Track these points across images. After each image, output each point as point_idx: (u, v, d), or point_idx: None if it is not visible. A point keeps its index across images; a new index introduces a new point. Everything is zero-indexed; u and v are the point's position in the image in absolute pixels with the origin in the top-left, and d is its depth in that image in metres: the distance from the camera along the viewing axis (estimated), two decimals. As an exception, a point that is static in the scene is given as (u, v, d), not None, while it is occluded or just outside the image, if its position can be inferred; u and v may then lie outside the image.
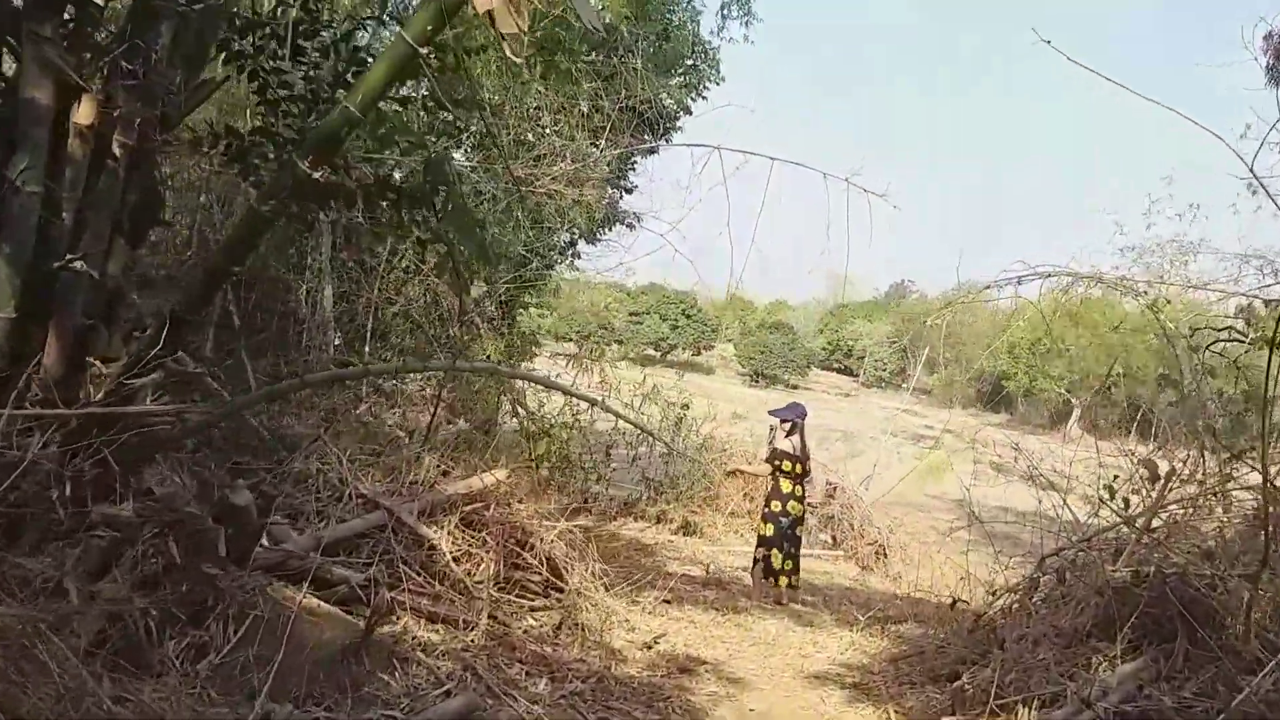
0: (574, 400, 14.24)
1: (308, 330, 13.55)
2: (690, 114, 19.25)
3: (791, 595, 10.01)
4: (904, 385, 60.39)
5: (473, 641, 5.50)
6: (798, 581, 10.22)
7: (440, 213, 5.98)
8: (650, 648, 6.67)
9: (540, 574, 6.37)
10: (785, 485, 10.18)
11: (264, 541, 5.58)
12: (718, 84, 19.25)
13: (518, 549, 6.31)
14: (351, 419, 12.55)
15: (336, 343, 13.85)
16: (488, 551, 6.07)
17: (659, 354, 56.65)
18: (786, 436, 10.29)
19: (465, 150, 15.28)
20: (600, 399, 14.59)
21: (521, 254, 15.04)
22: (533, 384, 14.37)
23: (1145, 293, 11.06)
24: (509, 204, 15.00)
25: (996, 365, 54.74)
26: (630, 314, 56.39)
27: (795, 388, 55.89)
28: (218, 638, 4.48)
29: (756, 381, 54.54)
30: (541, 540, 6.46)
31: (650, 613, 7.93)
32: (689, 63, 19.13)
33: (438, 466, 6.75)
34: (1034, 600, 7.03)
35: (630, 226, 20.03)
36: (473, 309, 15.51)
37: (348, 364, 11.73)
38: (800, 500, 10.31)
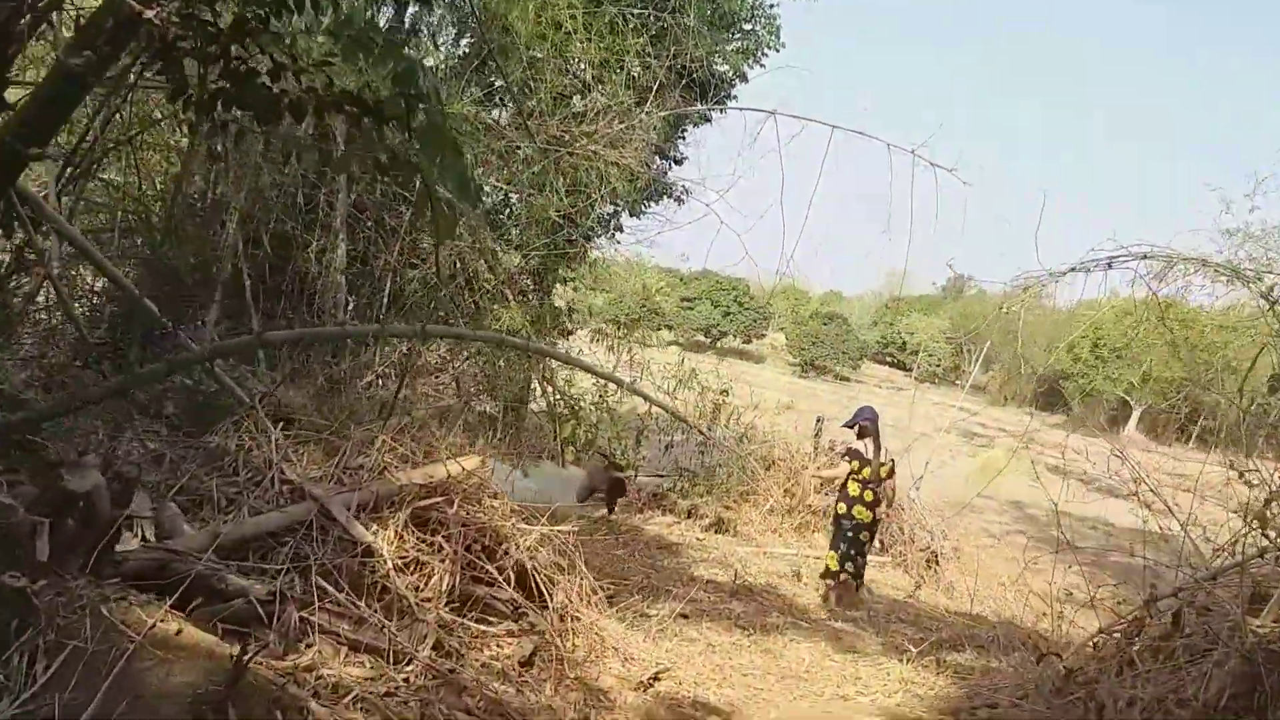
0: (606, 382, 12.89)
1: (320, 293, 12.29)
2: (746, 81, 17.66)
3: (847, 600, 9.25)
4: (958, 381, 58.32)
5: (407, 681, 4.10)
6: (853, 597, 9.35)
7: (413, 133, 4.56)
8: (648, 687, 5.20)
9: (510, 590, 4.92)
10: (853, 488, 9.33)
11: (148, 539, 4.24)
12: (777, 50, 17.58)
13: (483, 557, 4.89)
14: (354, 391, 11.28)
15: (350, 306, 12.57)
16: (442, 560, 4.66)
17: (709, 340, 55.05)
18: (859, 440, 9.47)
19: (499, 102, 13.90)
20: (629, 380, 13.32)
21: (554, 219, 13.58)
22: (562, 363, 13.04)
23: (1259, 279, 9.38)
24: (543, 166, 13.59)
25: (1057, 363, 52.53)
26: (682, 299, 54.81)
27: (846, 379, 54.08)
28: (16, 677, 3.15)
29: (807, 372, 52.79)
30: (517, 547, 5.04)
31: (660, 633, 6.47)
32: (746, 27, 17.51)
33: (398, 449, 5.29)
34: (1135, 647, 5.47)
35: (679, 200, 18.51)
36: (501, 277, 14.16)
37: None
38: (870, 506, 9.33)
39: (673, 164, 18.74)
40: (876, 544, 13.05)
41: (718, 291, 54.27)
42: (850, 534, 9.30)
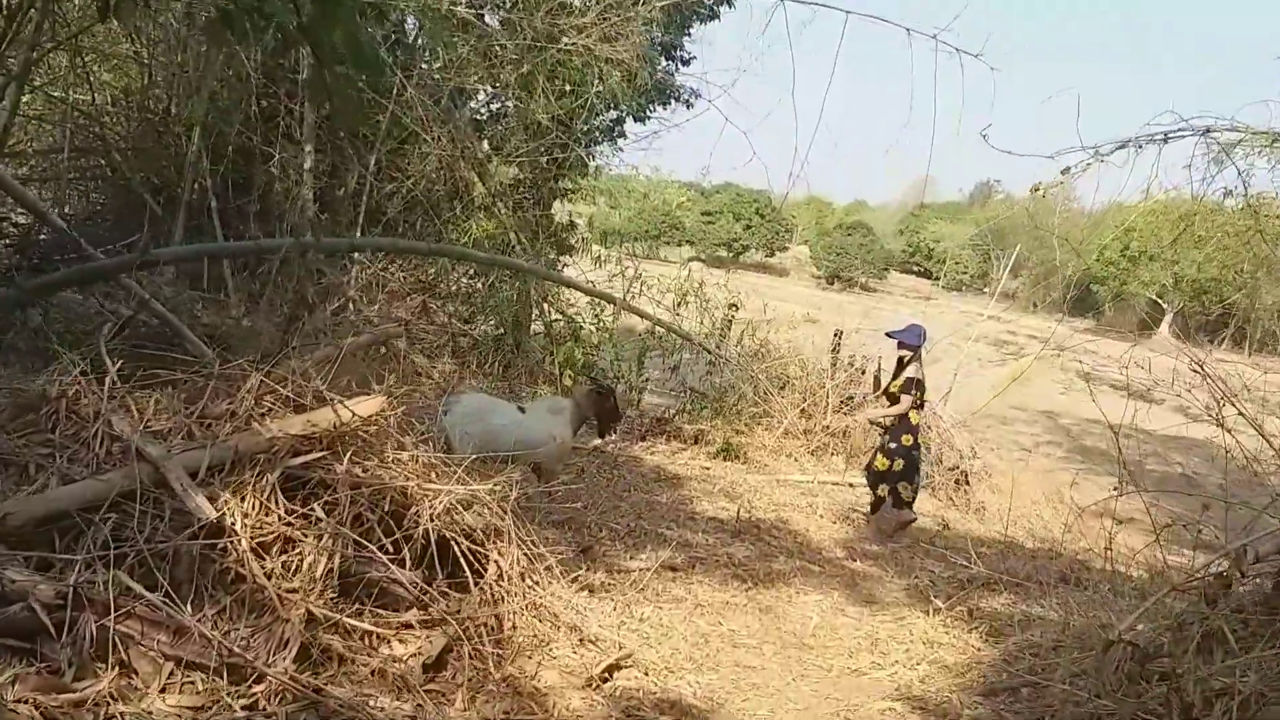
0: (605, 301, 11.65)
1: (290, 208, 11.08)
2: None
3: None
4: (985, 289, 56.61)
5: (254, 708, 2.97)
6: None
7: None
8: (602, 683, 4.04)
9: (408, 572, 3.75)
10: (915, 417, 8.60)
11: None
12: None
13: (380, 529, 3.73)
14: (318, 317, 10.15)
15: (319, 219, 11.34)
16: (320, 535, 3.51)
17: (731, 255, 53.51)
18: (909, 362, 8.52)
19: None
20: (623, 296, 12.07)
21: (545, 124, 12.21)
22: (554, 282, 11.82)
23: (1341, 159, 7.99)
24: (532, 67, 12.18)
25: (1086, 266, 50.63)
26: (703, 214, 53.17)
27: (872, 290, 52.52)
28: None
29: (832, 284, 51.24)
30: (433, 516, 3.86)
31: (639, 594, 5.32)
32: (755, -91, 15.80)
33: (281, 391, 4.07)
34: (1221, 608, 4.26)
35: (687, 104, 17.02)
36: (489, 188, 12.86)
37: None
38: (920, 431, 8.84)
39: (679, 65, 17.26)
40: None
41: (739, 204, 52.53)
42: (919, 463, 8.75)
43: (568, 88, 12.84)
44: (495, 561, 4.03)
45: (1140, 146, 7.71)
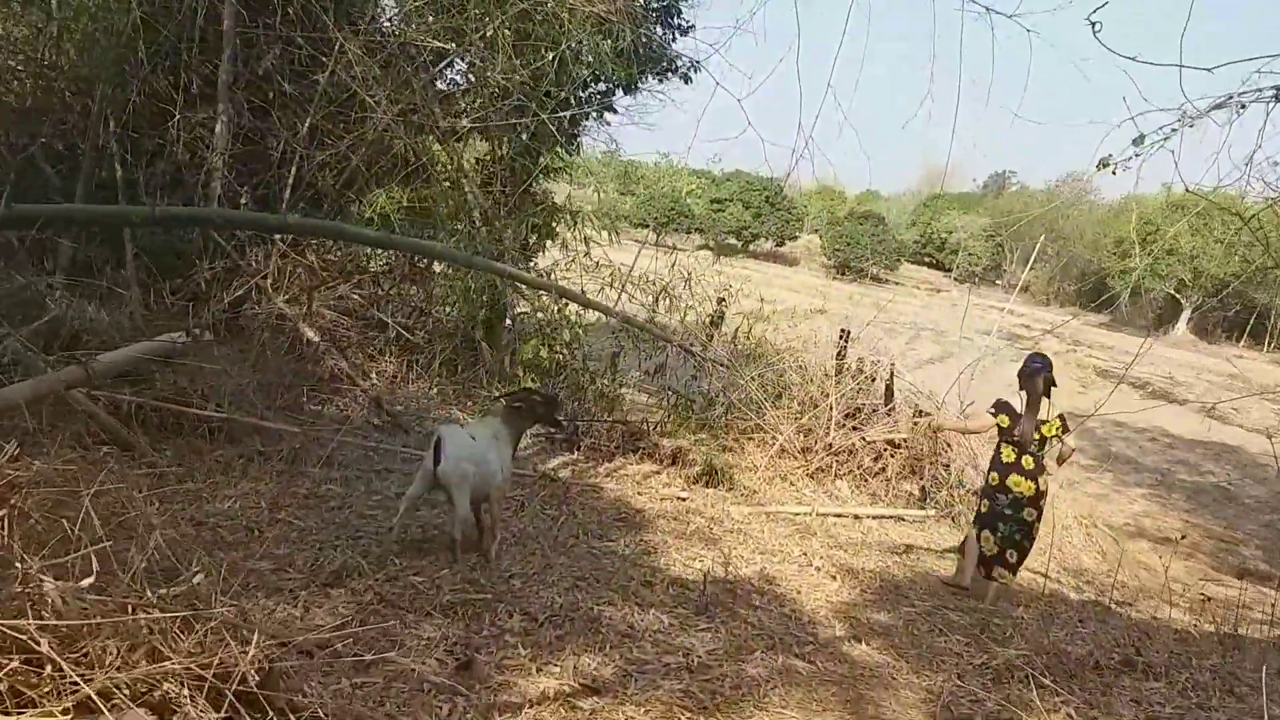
0: (542, 290, 9.70)
1: (207, 174, 9.15)
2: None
3: (1001, 591, 7.08)
4: (998, 282, 54.39)
5: None
6: (1009, 578, 7.15)
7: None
8: None
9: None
10: (1007, 453, 7.08)
11: None
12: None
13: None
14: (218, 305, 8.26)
15: (246, 196, 9.42)
16: None
17: (741, 243, 51.36)
18: (1021, 391, 7.07)
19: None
20: (581, 291, 10.06)
21: (509, 88, 10.22)
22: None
23: None
24: (499, 23, 10.19)
25: (1102, 261, 48.37)
26: (712, 201, 51.01)
27: (883, 281, 50.35)
28: None
29: (842, 274, 49.05)
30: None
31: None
32: None
33: None
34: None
35: (685, 77, 14.96)
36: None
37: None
38: (1030, 476, 6.98)
39: (676, 34, 15.20)
40: (914, 490, 9.95)
41: (748, 192, 50.32)
42: (1009, 511, 7.04)
43: (542, 50, 10.85)
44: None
45: (1243, 106, 5.71)
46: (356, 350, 9.53)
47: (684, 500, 8.02)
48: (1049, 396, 6.99)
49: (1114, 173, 5.86)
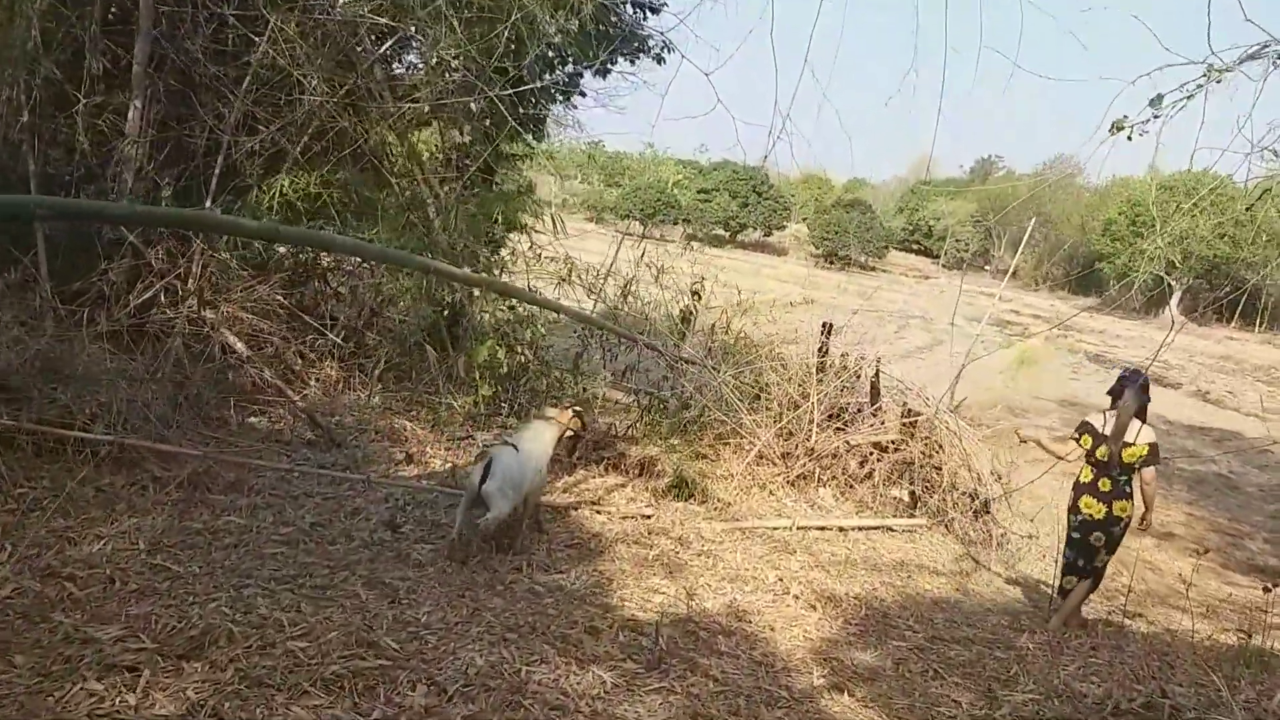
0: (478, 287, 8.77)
1: (118, 165, 8.18)
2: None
3: (1070, 628, 6.49)
4: (985, 267, 53.60)
5: None
6: (1076, 615, 6.63)
7: None
8: None
9: None
10: (1085, 473, 6.56)
11: None
12: None
13: None
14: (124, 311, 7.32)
15: (166, 188, 8.44)
16: None
17: (729, 233, 50.42)
18: (1110, 409, 6.52)
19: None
20: (529, 288, 9.11)
21: (448, 61, 9.26)
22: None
23: None
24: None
25: (1090, 244, 47.54)
26: (699, 191, 50.05)
27: (871, 269, 49.49)
28: None
29: (831, 263, 48.15)
30: None
31: None
32: None
33: None
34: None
35: (658, 59, 14.00)
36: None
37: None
38: (1104, 499, 6.41)
39: (648, 12, 14.23)
40: (904, 495, 9.05)
41: (735, 182, 49.36)
42: (1076, 534, 6.59)
43: (494, 24, 9.87)
44: None
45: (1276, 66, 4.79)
46: (295, 355, 8.59)
47: (648, 518, 7.10)
48: (1143, 418, 6.42)
49: (1129, 138, 4.95)
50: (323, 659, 3.85)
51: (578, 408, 6.70)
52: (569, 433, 6.68)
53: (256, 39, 8.71)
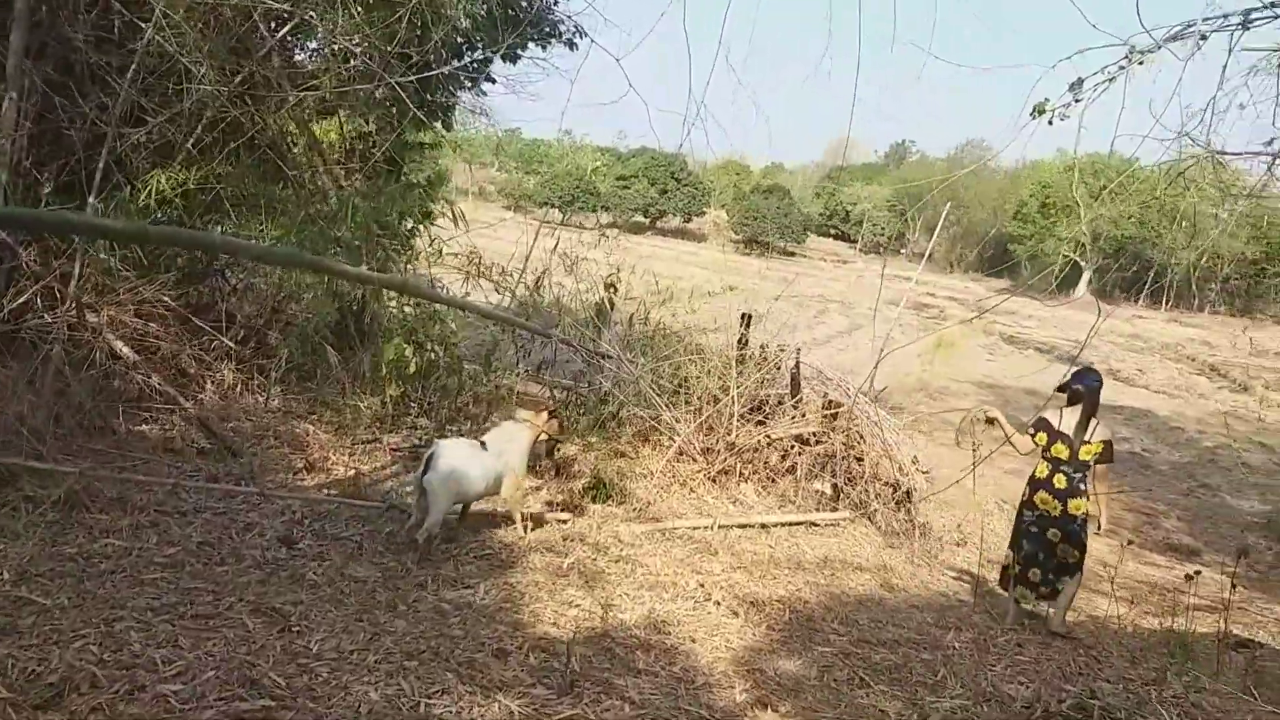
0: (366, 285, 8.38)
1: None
2: None
3: (1020, 613, 6.71)
4: (901, 251, 54.25)
5: None
6: (1028, 597, 6.69)
7: None
8: None
9: None
10: (1041, 469, 6.57)
11: None
12: None
13: None
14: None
15: (46, 184, 7.85)
16: None
17: (648, 220, 50.21)
18: (1068, 406, 6.53)
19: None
20: (433, 282, 8.73)
21: (345, 47, 8.78)
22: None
23: None
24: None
25: (1003, 227, 48.44)
26: (618, 179, 49.72)
27: (791, 255, 49.74)
28: None
29: (750, 250, 48.25)
30: None
31: None
32: None
33: None
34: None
35: (570, 44, 13.61)
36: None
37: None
38: (1060, 495, 6.41)
39: (559, -4, 13.81)
40: (826, 488, 8.90)
41: (654, 168, 49.14)
42: (1034, 529, 6.57)
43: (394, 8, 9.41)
44: None
45: (1204, 37, 4.67)
46: (189, 359, 8.08)
47: (565, 523, 6.80)
48: (1095, 415, 6.40)
49: (1050, 122, 4.81)
50: (198, 703, 3.48)
51: (554, 409, 6.66)
52: (544, 436, 6.57)
53: (143, 25, 8.14)
